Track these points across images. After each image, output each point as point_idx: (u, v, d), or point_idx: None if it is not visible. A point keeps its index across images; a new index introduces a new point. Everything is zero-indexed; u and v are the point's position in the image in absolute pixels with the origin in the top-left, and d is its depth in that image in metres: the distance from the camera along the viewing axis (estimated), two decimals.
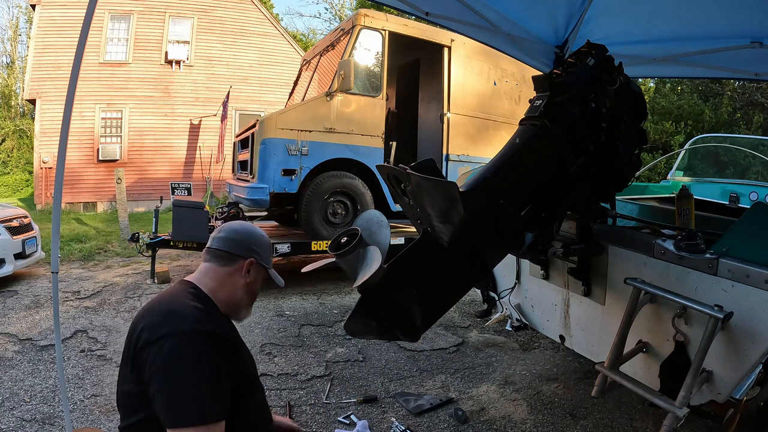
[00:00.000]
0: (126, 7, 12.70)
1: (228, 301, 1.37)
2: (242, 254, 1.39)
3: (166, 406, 1.13)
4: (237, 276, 1.38)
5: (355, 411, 2.60)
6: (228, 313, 1.38)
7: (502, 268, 2.76)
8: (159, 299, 1.32)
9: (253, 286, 1.42)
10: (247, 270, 1.39)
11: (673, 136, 12.34)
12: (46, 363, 3.11)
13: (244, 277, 1.39)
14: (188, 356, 1.16)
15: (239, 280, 1.38)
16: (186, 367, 1.15)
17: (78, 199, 12.19)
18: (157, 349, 1.15)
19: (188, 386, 1.14)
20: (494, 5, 2.56)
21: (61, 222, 2.09)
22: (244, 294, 1.40)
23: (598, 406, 2.66)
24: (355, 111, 5.27)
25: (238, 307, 1.41)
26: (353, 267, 1.50)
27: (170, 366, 1.15)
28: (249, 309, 1.45)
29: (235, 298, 1.38)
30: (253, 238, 1.43)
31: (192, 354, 1.16)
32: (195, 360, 1.16)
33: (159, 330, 1.18)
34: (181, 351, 1.16)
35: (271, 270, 1.46)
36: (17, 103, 21.96)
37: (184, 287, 1.35)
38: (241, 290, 1.39)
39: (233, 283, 1.37)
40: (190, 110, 13.31)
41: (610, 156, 1.92)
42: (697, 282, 1.67)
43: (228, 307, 1.37)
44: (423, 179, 1.55)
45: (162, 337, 1.17)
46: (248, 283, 1.40)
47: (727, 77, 7.38)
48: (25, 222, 5.30)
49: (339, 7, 24.83)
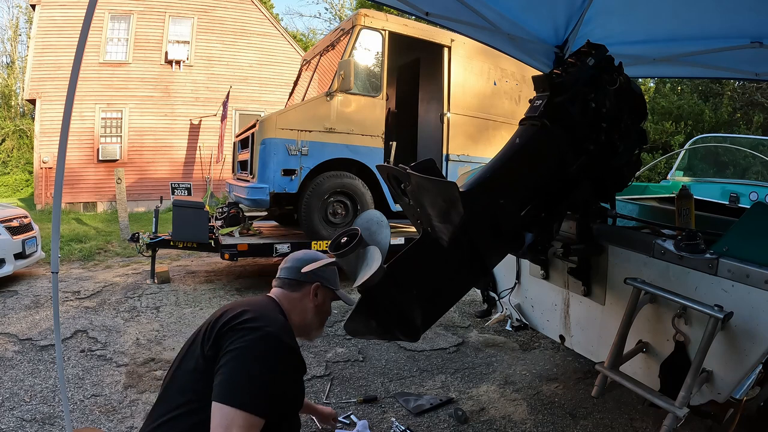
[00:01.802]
0: (126, 7, 12.70)
1: (300, 324, 1.48)
2: (308, 280, 1.49)
3: (225, 381, 1.20)
4: (306, 300, 1.50)
5: (355, 411, 2.59)
6: (300, 335, 1.49)
7: (502, 268, 2.76)
8: (249, 301, 1.44)
9: (322, 308, 1.53)
10: (314, 293, 1.50)
11: (673, 136, 12.35)
12: (46, 363, 3.11)
13: (313, 300, 1.50)
14: (267, 353, 1.25)
15: (308, 304, 1.50)
16: (260, 360, 1.23)
17: (78, 199, 12.20)
18: (245, 333, 1.25)
19: (253, 376, 1.21)
20: (494, 5, 2.56)
21: (61, 222, 2.09)
22: (314, 316, 1.52)
23: (598, 406, 2.66)
24: (355, 111, 5.27)
25: (309, 329, 1.53)
26: (353, 267, 1.50)
27: (248, 352, 1.23)
28: (320, 330, 1.58)
29: (306, 320, 1.50)
30: (317, 264, 1.50)
31: (271, 353, 1.25)
32: (271, 359, 1.25)
33: (252, 322, 1.28)
34: (263, 346, 1.25)
35: (339, 291, 1.57)
36: (17, 103, 21.97)
37: (271, 301, 1.47)
38: (311, 313, 1.50)
39: (303, 307, 1.49)
40: (190, 110, 13.31)
41: (610, 156, 1.92)
42: (697, 282, 1.67)
43: (300, 329, 1.49)
44: (423, 179, 1.55)
45: (253, 329, 1.27)
46: (317, 306, 1.51)
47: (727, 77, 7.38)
48: (25, 222, 5.30)
49: (339, 7, 24.86)
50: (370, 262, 1.45)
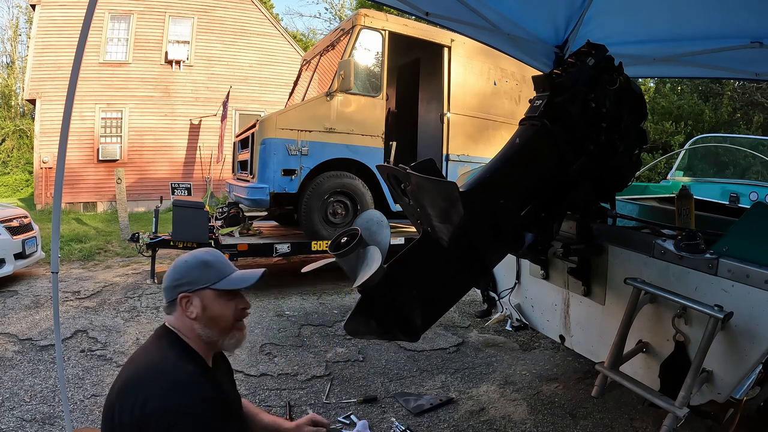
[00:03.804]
0: (126, 7, 12.70)
1: (198, 342, 1.26)
2: (173, 296, 1.27)
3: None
4: (183, 317, 1.26)
5: (355, 411, 2.59)
6: (211, 351, 1.30)
7: (502, 268, 2.76)
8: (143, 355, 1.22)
9: (207, 315, 1.25)
10: (184, 307, 1.25)
11: (673, 136, 12.35)
12: (46, 363, 3.11)
13: (188, 313, 1.25)
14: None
15: (187, 320, 1.26)
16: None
17: (78, 199, 12.19)
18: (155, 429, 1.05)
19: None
20: (494, 5, 2.56)
21: (61, 222, 2.08)
22: (204, 327, 1.26)
23: (598, 406, 2.66)
24: (355, 111, 5.27)
25: (213, 342, 1.28)
26: (353, 267, 1.50)
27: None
28: (228, 336, 1.29)
29: (202, 336, 1.26)
30: (175, 273, 1.28)
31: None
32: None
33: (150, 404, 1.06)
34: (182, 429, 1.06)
35: (216, 284, 1.27)
36: (17, 103, 21.97)
37: (165, 341, 1.25)
38: (198, 326, 1.25)
39: (187, 325, 1.26)
40: (190, 110, 13.31)
41: (610, 156, 1.92)
42: (697, 282, 1.67)
43: (203, 348, 1.27)
44: (423, 179, 1.55)
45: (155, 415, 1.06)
46: (198, 316, 1.25)
47: (727, 77, 7.39)
48: (25, 222, 5.30)
49: (339, 7, 24.85)
50: (370, 262, 1.45)
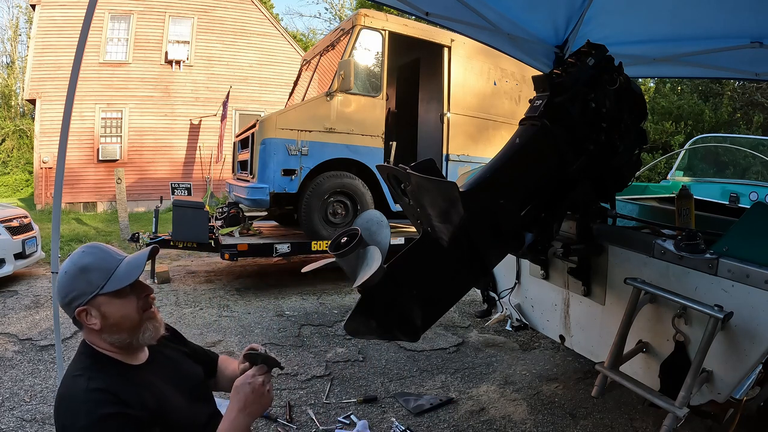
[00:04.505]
0: (126, 7, 12.70)
1: (114, 351, 1.19)
2: (71, 314, 1.17)
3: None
4: (91, 331, 1.17)
5: (355, 411, 2.59)
6: (130, 354, 1.22)
7: (502, 268, 2.76)
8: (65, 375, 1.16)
9: (110, 321, 1.16)
10: (86, 320, 1.16)
11: (673, 136, 12.35)
12: (46, 363, 3.11)
13: (93, 326, 1.16)
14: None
15: (94, 333, 1.17)
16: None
17: (78, 199, 12.19)
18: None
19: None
20: (494, 5, 2.56)
21: (61, 222, 2.09)
22: (112, 335, 1.17)
23: (598, 406, 2.66)
24: (355, 111, 5.27)
25: (128, 345, 1.19)
26: (353, 267, 1.49)
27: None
28: (139, 332, 1.20)
29: (114, 343, 1.18)
30: (61, 289, 1.18)
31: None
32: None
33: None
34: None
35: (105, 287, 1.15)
36: (17, 103, 21.97)
37: (79, 356, 1.19)
38: (106, 336, 1.17)
39: (98, 337, 1.18)
40: (190, 110, 13.31)
41: (610, 156, 1.92)
42: (697, 282, 1.67)
43: (124, 353, 1.20)
44: (423, 179, 1.55)
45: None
46: (103, 326, 1.16)
47: (727, 77, 7.39)
48: (25, 222, 5.30)
49: (339, 7, 24.84)
50: (370, 262, 1.44)
